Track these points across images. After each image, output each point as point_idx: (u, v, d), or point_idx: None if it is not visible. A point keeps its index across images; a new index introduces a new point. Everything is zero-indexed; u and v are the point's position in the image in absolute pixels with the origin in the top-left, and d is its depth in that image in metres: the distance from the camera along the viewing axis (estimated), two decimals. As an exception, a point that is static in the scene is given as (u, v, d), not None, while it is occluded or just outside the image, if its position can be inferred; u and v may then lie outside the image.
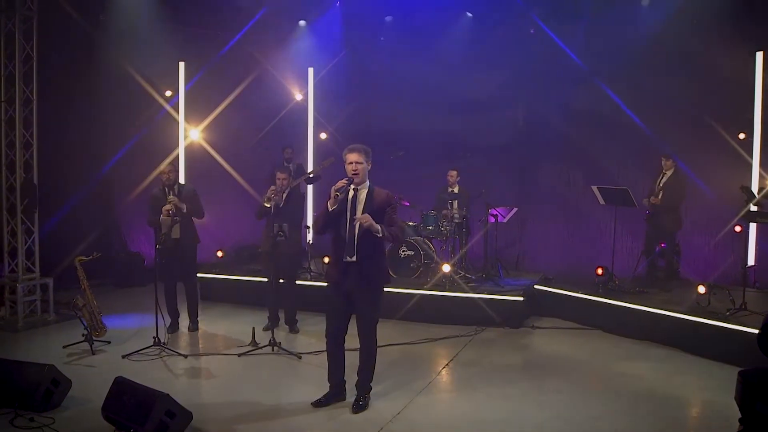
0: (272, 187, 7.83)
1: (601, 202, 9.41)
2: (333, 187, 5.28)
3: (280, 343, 7.72)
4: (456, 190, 10.37)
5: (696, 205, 10.16)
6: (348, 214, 5.40)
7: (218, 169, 11.69)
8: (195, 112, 11.96)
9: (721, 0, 9.58)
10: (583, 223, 11.54)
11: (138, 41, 10.93)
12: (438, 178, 10.72)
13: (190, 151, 11.94)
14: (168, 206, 7.82)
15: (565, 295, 9.43)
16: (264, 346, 7.68)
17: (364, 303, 5.48)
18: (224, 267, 10.88)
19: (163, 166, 8.25)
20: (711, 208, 10.11)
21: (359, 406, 5.77)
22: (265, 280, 8.74)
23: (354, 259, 5.36)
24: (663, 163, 9.34)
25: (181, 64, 11.77)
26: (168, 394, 5.22)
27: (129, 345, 7.84)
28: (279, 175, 8.08)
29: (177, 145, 11.74)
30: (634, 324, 8.47)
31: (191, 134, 11.96)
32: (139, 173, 11.00)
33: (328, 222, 5.40)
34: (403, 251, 10.10)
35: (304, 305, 9.02)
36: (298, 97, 12.90)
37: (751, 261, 9.46)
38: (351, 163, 5.33)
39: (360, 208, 5.39)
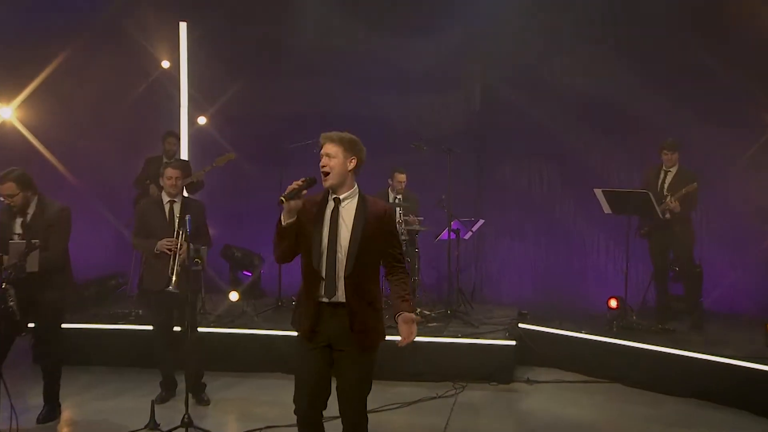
0: (169, 246, 7.29)
1: (607, 210, 9.09)
2: (284, 193, 4.75)
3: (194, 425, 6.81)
4: (400, 197, 10.10)
5: (715, 213, 10.24)
6: (325, 235, 4.84)
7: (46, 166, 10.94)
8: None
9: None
10: (560, 236, 11.39)
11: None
12: (373, 178, 9.78)
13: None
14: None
15: (566, 336, 9.04)
16: (173, 430, 6.71)
17: (350, 366, 4.87)
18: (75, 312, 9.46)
19: None
20: (736, 215, 10.20)
21: None
22: (148, 328, 8.06)
23: (335, 299, 4.80)
24: (664, 156, 9.12)
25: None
26: None
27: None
28: (170, 172, 7.39)
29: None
30: (669, 375, 8.11)
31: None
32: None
33: (288, 244, 4.85)
34: None
35: (211, 362, 8.30)
36: (165, 64, 11.94)
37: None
38: (322, 156, 4.89)
39: (345, 227, 4.85)
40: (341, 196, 4.88)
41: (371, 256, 4.83)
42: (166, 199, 7.43)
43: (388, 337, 5.00)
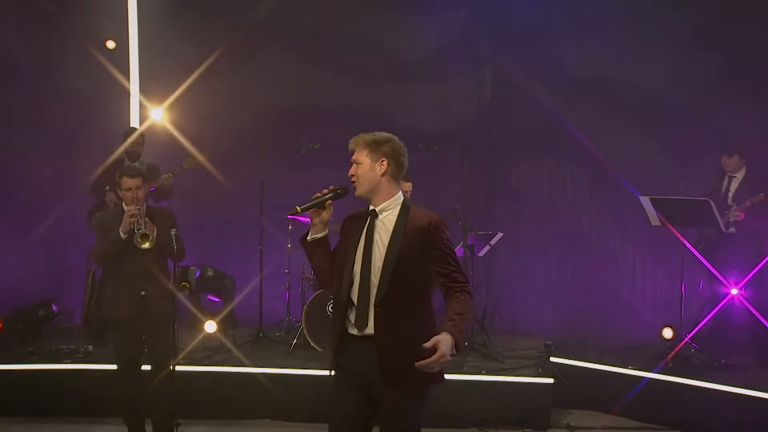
0: (131, 208, 7.02)
1: (655, 222, 8.75)
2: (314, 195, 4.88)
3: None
4: None
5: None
6: (358, 255, 4.73)
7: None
8: None
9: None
10: (588, 253, 10.91)
11: None
12: None
13: None
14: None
15: (610, 373, 8.56)
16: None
17: (389, 414, 4.70)
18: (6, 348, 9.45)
19: None
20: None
21: None
22: (111, 368, 7.64)
23: (366, 332, 4.65)
24: (725, 161, 8.94)
25: None
26: None
27: None
28: (127, 182, 7.08)
29: None
30: (740, 421, 7.64)
31: None
32: None
33: (318, 262, 4.88)
34: (332, 306, 9.10)
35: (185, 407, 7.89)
36: (110, 44, 11.36)
37: None
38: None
39: (381, 244, 4.70)
40: (377, 208, 4.74)
41: (412, 279, 4.61)
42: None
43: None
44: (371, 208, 4.78)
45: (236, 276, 10.54)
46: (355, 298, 4.68)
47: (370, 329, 4.68)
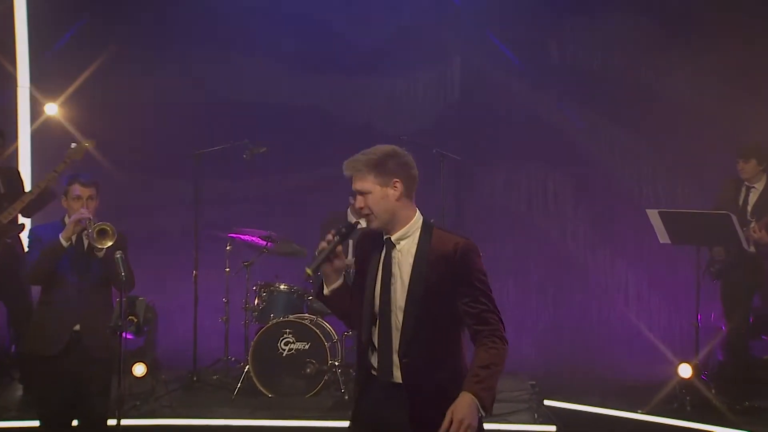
0: (82, 211, 6.62)
1: (664, 239, 8.42)
2: (319, 247, 4.47)
3: None
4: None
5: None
6: (376, 292, 4.46)
7: None
8: None
9: None
10: (574, 275, 10.48)
11: None
12: (323, 193, 10.02)
13: None
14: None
15: (616, 419, 8.22)
16: None
17: None
18: None
19: None
20: None
21: None
22: (31, 425, 7.38)
23: (393, 379, 4.39)
24: (741, 167, 8.53)
25: None
26: None
27: None
28: (76, 189, 6.68)
29: None
30: None
31: None
32: None
33: (340, 310, 4.68)
34: (286, 342, 8.77)
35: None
36: None
37: None
38: (356, 193, 4.57)
39: (401, 279, 4.41)
40: (393, 237, 4.50)
41: (441, 320, 4.39)
42: None
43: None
44: (386, 236, 4.52)
45: (161, 306, 9.73)
46: (376, 341, 4.49)
47: (397, 377, 4.40)
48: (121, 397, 6.83)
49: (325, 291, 4.53)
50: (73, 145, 8.01)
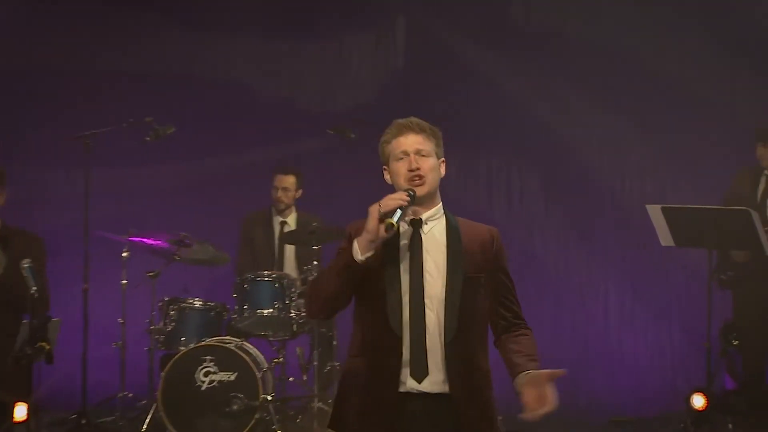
0: None
1: (667, 241, 7.95)
2: (377, 206, 3.94)
3: None
4: (292, 219, 9.09)
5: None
6: (404, 277, 4.12)
7: None
8: None
9: None
10: (545, 287, 9.88)
11: None
12: (240, 185, 9.78)
13: None
14: None
15: None
16: None
17: None
18: None
19: None
20: None
21: None
22: None
23: (432, 388, 4.05)
24: (760, 153, 8.19)
25: None
26: None
27: None
28: None
29: None
30: None
31: None
32: None
33: (345, 291, 4.19)
34: (206, 372, 8.17)
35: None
36: None
37: None
38: (404, 156, 4.14)
39: (435, 265, 4.12)
40: (424, 216, 4.15)
41: (480, 312, 4.19)
42: None
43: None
44: (411, 218, 4.24)
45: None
46: (405, 339, 4.16)
47: (435, 382, 4.08)
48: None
49: (360, 256, 4.09)
50: None
